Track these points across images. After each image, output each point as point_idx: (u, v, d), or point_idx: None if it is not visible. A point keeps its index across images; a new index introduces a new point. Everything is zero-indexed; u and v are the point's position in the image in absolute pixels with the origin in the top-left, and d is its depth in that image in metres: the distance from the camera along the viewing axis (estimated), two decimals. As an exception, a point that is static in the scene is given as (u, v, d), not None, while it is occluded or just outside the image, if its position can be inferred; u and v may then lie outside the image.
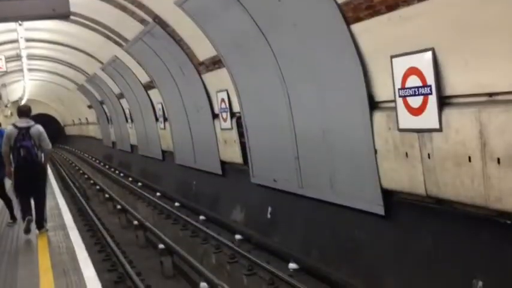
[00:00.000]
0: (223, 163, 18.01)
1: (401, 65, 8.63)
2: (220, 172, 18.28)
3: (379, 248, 10.22)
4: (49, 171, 20.16)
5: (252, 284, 11.29)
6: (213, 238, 14.61)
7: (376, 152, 9.73)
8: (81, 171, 37.13)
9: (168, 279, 13.22)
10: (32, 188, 12.25)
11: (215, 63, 15.99)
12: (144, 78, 24.53)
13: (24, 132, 11.92)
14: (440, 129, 8.08)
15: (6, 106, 52.06)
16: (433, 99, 8.11)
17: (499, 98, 7.21)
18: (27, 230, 12.16)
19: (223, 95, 16.39)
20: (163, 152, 26.15)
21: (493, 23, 6.95)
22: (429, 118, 8.22)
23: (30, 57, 33.47)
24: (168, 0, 14.76)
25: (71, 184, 29.37)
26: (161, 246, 13.68)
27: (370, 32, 9.25)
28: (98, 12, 20.91)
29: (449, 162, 8.03)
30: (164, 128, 24.57)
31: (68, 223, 13.65)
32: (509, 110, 6.94)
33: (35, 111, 17.09)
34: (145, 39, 19.55)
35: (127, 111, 32.02)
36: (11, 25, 23.70)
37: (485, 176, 7.40)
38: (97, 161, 42.86)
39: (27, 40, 28.03)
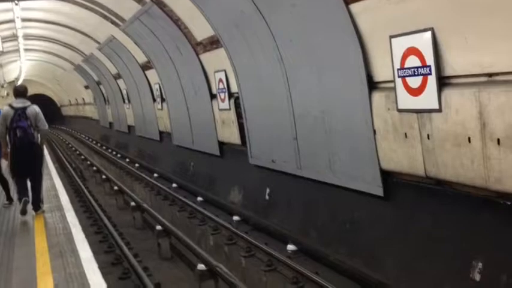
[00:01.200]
0: (221, 144, 17.94)
1: (400, 45, 8.54)
2: (218, 153, 18.21)
3: (379, 229, 10.18)
4: (45, 152, 20.08)
5: (250, 266, 11.25)
6: (211, 219, 14.57)
7: (375, 132, 9.66)
8: (77, 152, 37.13)
9: (166, 260, 13.25)
10: (28, 169, 12.21)
11: (213, 43, 15.88)
12: (142, 58, 24.41)
13: (20, 113, 11.87)
14: (439, 110, 8.00)
15: (2, 86, 52.04)
16: (432, 80, 8.03)
17: (499, 78, 7.13)
18: (24, 211, 12.12)
19: (221, 75, 16.28)
20: (161, 132, 26.08)
21: (493, 3, 6.87)
22: (428, 98, 8.14)
23: (27, 37, 33.30)
24: (166, -21, 14.66)
25: (68, 165, 29.35)
26: (158, 227, 13.67)
27: (369, 12, 9.15)
28: (94, -9, 20.84)
29: (448, 142, 7.97)
30: (162, 109, 24.48)
31: (64, 204, 13.63)
32: (509, 91, 6.87)
33: (31, 91, 16.95)
34: (143, 19, 19.41)
35: (124, 92, 31.90)
36: (7, 5, 23.57)
37: (485, 157, 7.35)
38: (94, 142, 42.81)
39: (24, 20, 27.88)
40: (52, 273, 8.44)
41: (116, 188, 20.82)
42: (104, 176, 24.51)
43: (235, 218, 14.58)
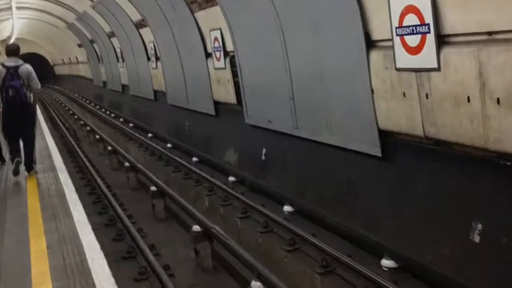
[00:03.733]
0: (216, 103, 17.78)
1: (398, 3, 8.38)
2: (213, 113, 18.06)
3: (377, 190, 10.10)
4: (38, 111, 19.97)
5: (246, 227, 11.17)
6: (206, 180, 14.48)
7: (372, 92, 9.53)
8: (71, 112, 36.99)
9: (160, 222, 13.21)
10: (20, 128, 12.14)
11: (208, 1, 15.67)
12: (136, 16, 24.16)
13: (12, 72, 11.80)
14: (438, 69, 7.89)
15: (-6, 45, 51.62)
16: (431, 38, 7.90)
17: (499, 36, 7.00)
18: (16, 172, 12.09)
19: (217, 34, 16.08)
20: (155, 92, 25.87)
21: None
22: (427, 57, 8.02)
23: (19, -6, 33.01)
24: None
25: (61, 125, 29.22)
26: (153, 188, 13.61)
27: (368, -32, 9.00)
28: None
29: (447, 102, 7.87)
30: (156, 68, 24.27)
31: (57, 165, 13.58)
32: (509, 49, 6.76)
33: (23, 50, 16.78)
34: (136, -24, 19.19)
35: (118, 51, 31.64)
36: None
37: (485, 117, 7.26)
38: (87, 101, 42.53)
39: (16, -23, 27.59)
40: (45, 234, 8.41)
41: (109, 148, 20.72)
42: (97, 136, 24.39)
43: (231, 178, 14.51)
